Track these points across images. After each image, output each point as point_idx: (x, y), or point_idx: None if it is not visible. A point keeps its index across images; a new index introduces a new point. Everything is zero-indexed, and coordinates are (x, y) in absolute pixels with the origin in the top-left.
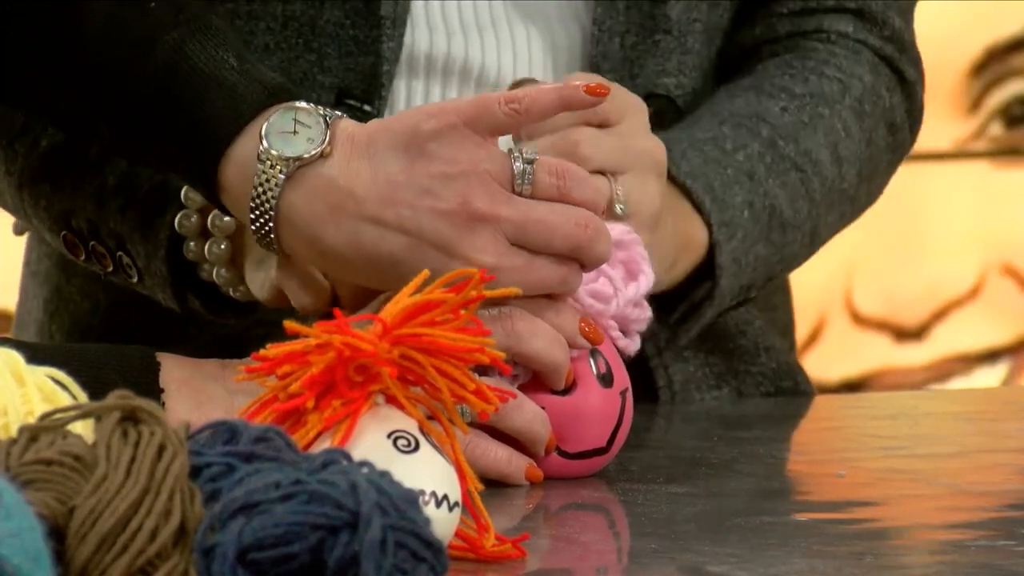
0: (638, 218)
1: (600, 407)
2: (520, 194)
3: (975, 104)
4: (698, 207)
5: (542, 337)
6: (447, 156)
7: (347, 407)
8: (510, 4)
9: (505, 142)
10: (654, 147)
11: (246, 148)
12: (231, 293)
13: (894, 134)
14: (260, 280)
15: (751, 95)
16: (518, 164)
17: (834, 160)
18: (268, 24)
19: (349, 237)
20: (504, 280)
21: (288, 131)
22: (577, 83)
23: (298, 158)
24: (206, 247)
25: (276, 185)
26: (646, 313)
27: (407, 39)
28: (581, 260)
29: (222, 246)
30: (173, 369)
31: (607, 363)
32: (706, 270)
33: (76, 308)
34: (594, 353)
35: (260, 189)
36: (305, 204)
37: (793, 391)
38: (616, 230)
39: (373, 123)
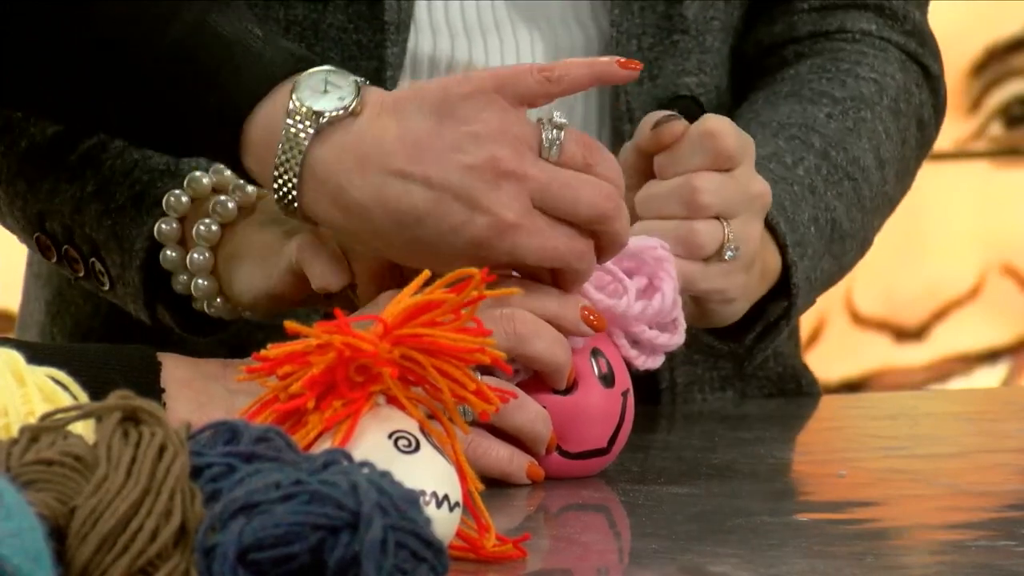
0: (740, 260)
1: (601, 407)
2: (547, 161)
3: (975, 104)
4: (771, 228)
5: (543, 338)
6: (477, 118)
7: (348, 407)
8: (513, 6)
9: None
10: (765, 191)
11: (275, 105)
12: (205, 308)
13: (923, 131)
14: (247, 282)
15: (794, 103)
16: (547, 131)
17: (878, 165)
18: (271, 28)
19: (374, 190)
20: (522, 243)
21: (319, 90)
22: (609, 59)
23: (328, 113)
24: (188, 256)
25: (304, 139)
26: (676, 338)
27: (410, 43)
28: (600, 235)
29: (205, 255)
30: (174, 369)
31: (609, 363)
32: (777, 289)
33: (78, 310)
34: (596, 353)
35: (287, 145)
36: (332, 158)
37: (797, 393)
38: (649, 243)
39: (403, 88)
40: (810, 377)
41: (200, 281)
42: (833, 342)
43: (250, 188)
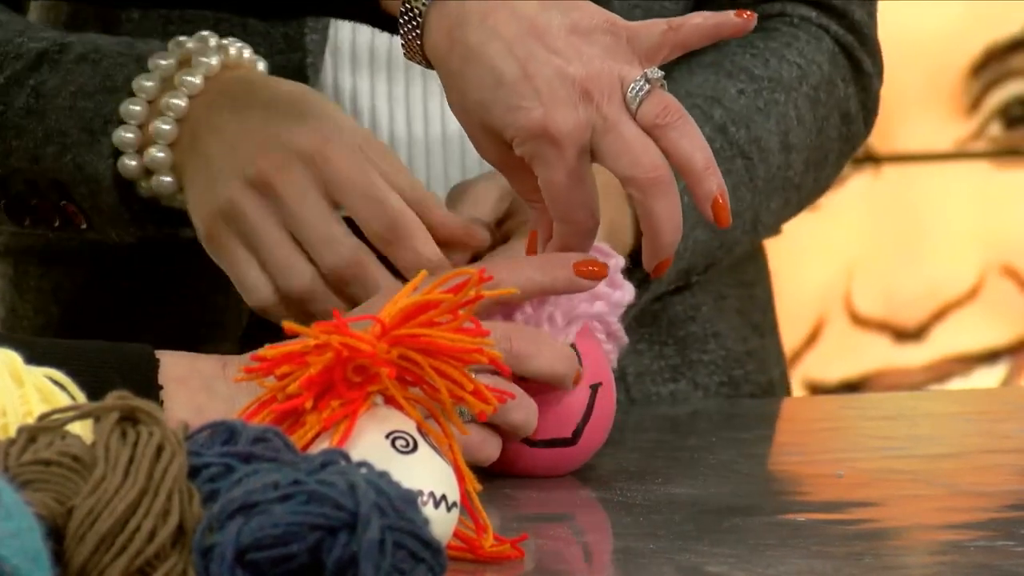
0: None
1: (561, 395)
2: (627, 107)
3: (975, 104)
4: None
5: (543, 355)
6: (597, 41)
7: (345, 408)
8: None
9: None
10: (609, 180)
11: None
12: (174, 203)
13: (848, 125)
14: (192, 211)
15: (710, 73)
16: (640, 81)
17: (783, 148)
18: (199, 27)
19: (482, 37)
20: (550, 158)
21: None
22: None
23: None
24: (146, 155)
25: None
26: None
27: (330, 31)
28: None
29: (162, 153)
30: (172, 366)
31: (578, 354)
32: (636, 255)
33: (30, 324)
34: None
35: None
36: None
37: (745, 380)
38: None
39: None
40: (759, 362)
41: (163, 178)
42: (832, 342)
43: (196, 78)
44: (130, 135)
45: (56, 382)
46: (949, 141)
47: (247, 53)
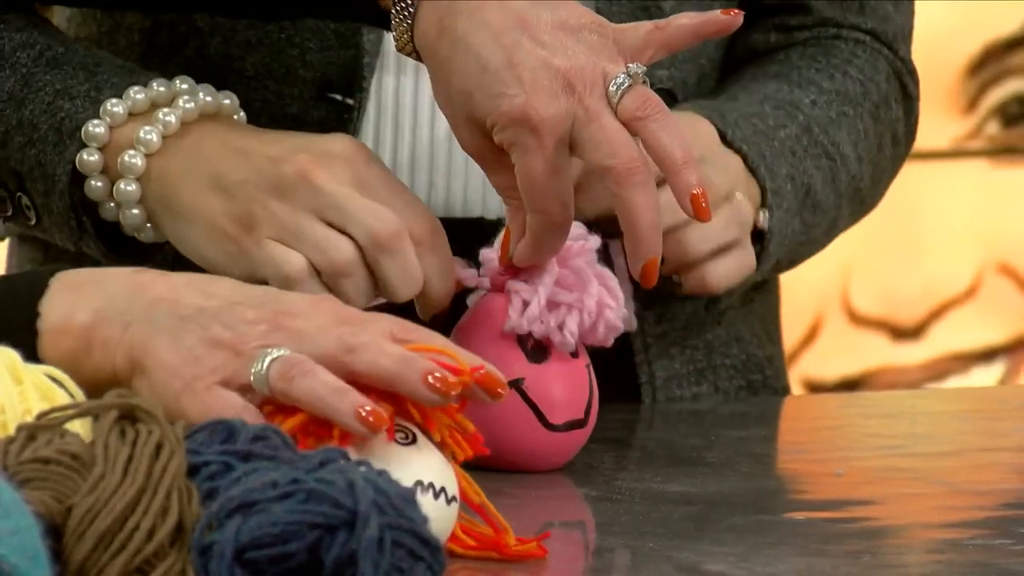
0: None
1: (572, 375)
2: (608, 101)
3: (972, 103)
4: (752, 171)
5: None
6: (583, 39)
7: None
8: None
9: None
10: (736, 163)
11: None
12: (137, 235)
13: (895, 146)
14: (193, 245)
15: (782, 83)
16: (621, 76)
17: (857, 157)
18: (249, 20)
19: (470, 27)
20: (528, 142)
21: None
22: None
23: None
24: (114, 187)
25: None
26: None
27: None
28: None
29: (132, 187)
30: (73, 275)
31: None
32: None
33: None
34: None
35: None
36: None
37: (762, 384)
38: (576, 237)
39: None
40: (776, 369)
41: (129, 211)
42: (830, 341)
43: (172, 117)
44: (94, 157)
45: (55, 380)
46: (947, 139)
47: (227, 101)
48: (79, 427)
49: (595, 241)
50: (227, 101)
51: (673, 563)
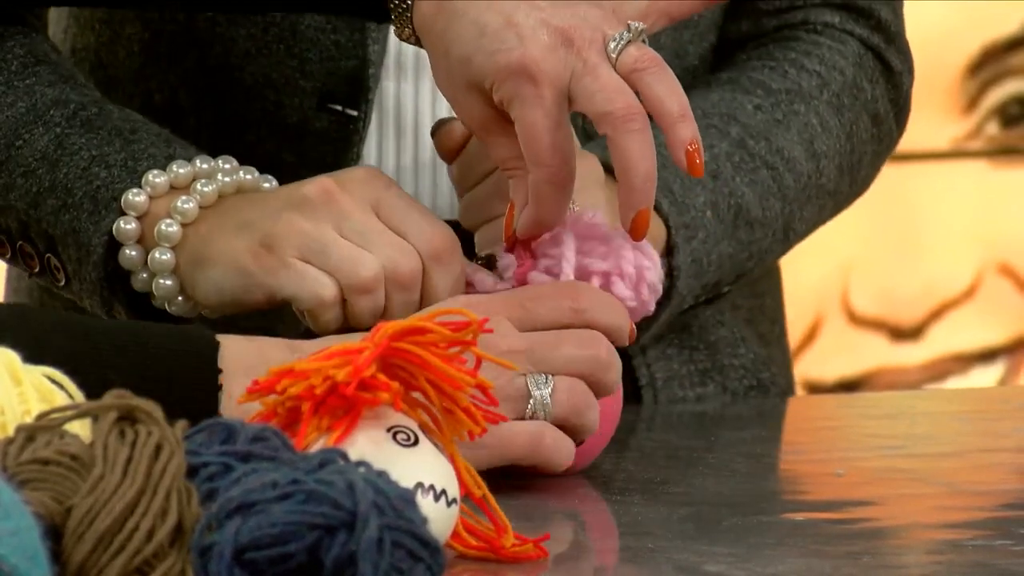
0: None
1: None
2: (607, 56)
3: (972, 103)
4: (657, 209)
5: (594, 408)
6: (583, 8)
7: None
8: None
9: None
10: (593, 166)
11: None
12: (166, 307)
13: (878, 126)
14: (217, 289)
15: (727, 91)
16: (621, 32)
17: (810, 156)
18: (249, 31)
19: None
20: (527, 94)
21: None
22: None
23: None
24: (149, 256)
25: None
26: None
27: (392, 40)
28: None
29: (167, 255)
30: (236, 354)
31: None
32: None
33: None
34: None
35: None
36: None
37: (771, 382)
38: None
39: None
40: (779, 367)
41: (162, 281)
42: (830, 341)
43: (209, 188)
44: (131, 226)
45: (55, 381)
46: (946, 140)
47: (267, 185)
48: (78, 428)
49: (601, 215)
50: (267, 184)
51: (673, 563)
